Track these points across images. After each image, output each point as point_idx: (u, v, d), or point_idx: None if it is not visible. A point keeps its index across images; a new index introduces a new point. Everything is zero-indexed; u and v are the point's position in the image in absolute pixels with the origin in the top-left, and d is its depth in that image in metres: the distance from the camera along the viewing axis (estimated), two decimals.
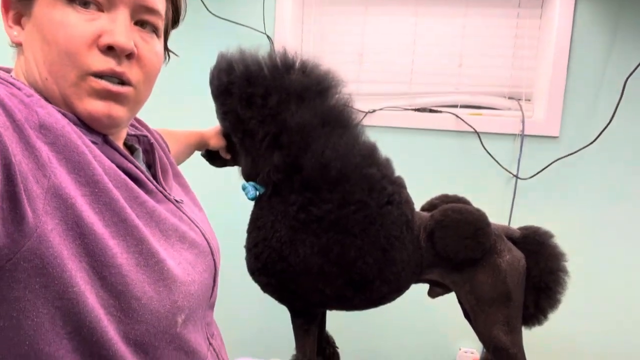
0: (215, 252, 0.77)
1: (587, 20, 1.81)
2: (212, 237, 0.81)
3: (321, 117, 1.01)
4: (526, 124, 1.88)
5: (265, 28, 2.01)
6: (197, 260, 0.71)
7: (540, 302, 1.09)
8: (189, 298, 0.66)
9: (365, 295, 1.09)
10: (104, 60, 0.62)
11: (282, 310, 1.20)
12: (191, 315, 0.67)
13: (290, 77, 1.02)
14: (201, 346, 0.71)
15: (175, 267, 0.64)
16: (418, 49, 2.02)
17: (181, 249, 0.68)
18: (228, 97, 1.05)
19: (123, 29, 0.62)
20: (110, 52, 0.62)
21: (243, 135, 1.06)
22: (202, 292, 0.71)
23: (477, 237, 1.04)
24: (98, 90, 0.62)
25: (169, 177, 0.79)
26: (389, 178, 1.07)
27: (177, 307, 0.63)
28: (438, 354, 2.07)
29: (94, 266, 0.56)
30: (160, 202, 0.70)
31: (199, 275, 0.69)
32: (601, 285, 1.90)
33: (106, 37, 0.61)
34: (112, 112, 0.64)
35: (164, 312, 0.61)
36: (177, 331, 0.64)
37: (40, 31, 0.60)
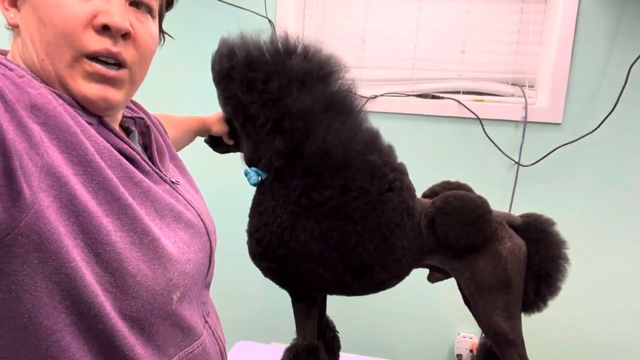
0: (211, 233, 0.78)
1: (591, 6, 1.80)
2: (208, 218, 0.82)
3: (323, 103, 1.01)
4: (529, 110, 1.87)
5: (266, 12, 2.00)
6: (193, 240, 0.72)
7: (540, 289, 1.10)
8: (184, 276, 0.67)
9: (365, 281, 1.09)
10: (99, 40, 0.62)
11: (283, 295, 1.21)
12: (187, 293, 0.68)
13: (291, 62, 1.01)
14: (197, 323, 0.73)
15: (169, 245, 0.65)
16: (421, 34, 2.00)
17: (176, 228, 0.69)
18: (229, 82, 1.04)
19: (118, 8, 0.62)
20: (106, 32, 0.62)
21: (244, 121, 1.06)
22: (198, 271, 0.72)
23: (478, 224, 1.03)
24: (91, 74, 0.63)
25: (165, 159, 0.80)
26: (391, 165, 1.06)
27: (172, 284, 0.64)
28: (437, 339, 2.09)
29: (88, 243, 0.57)
30: (156, 182, 0.71)
31: (194, 254, 0.70)
32: (602, 273, 1.91)
33: (102, 17, 0.61)
34: (108, 95, 0.65)
35: (159, 289, 0.62)
36: (173, 308, 0.65)
37: (36, 12, 0.60)
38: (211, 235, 0.78)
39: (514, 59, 1.95)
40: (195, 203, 0.78)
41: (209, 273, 0.80)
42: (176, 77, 2.15)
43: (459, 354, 2.03)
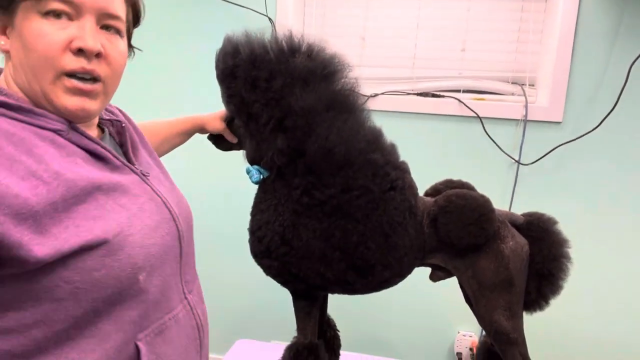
0: (177, 219, 0.87)
1: (592, 5, 1.79)
2: (178, 206, 0.91)
3: (326, 102, 1.01)
4: (529, 109, 1.87)
5: (267, 10, 1.99)
6: (159, 225, 0.81)
7: (542, 288, 1.09)
8: (149, 258, 0.77)
9: (366, 280, 1.09)
10: (76, 61, 0.74)
11: (283, 293, 1.21)
12: (154, 272, 0.78)
13: (295, 61, 1.01)
14: (170, 298, 0.83)
15: (134, 234, 0.75)
16: (421, 33, 2.00)
17: (142, 216, 0.79)
18: (233, 80, 1.04)
19: (90, 33, 0.74)
20: (81, 54, 0.74)
21: (247, 119, 1.05)
22: (165, 253, 0.82)
23: (481, 223, 1.03)
24: (70, 88, 0.74)
25: (139, 154, 0.91)
26: (393, 163, 1.06)
27: (137, 267, 0.74)
28: (437, 337, 2.09)
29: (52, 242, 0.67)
30: (126, 174, 0.82)
31: (160, 238, 0.80)
32: (602, 271, 1.91)
33: (76, 42, 0.73)
34: (86, 105, 0.77)
35: (125, 274, 0.73)
36: (141, 286, 0.76)
37: (22, 40, 0.72)
38: (178, 221, 0.87)
39: (514, 58, 1.95)
40: (165, 193, 0.88)
41: (182, 254, 0.88)
42: (177, 75, 2.14)
43: (459, 352, 2.03)
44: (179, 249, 0.87)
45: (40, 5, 0.71)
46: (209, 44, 2.14)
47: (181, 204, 0.93)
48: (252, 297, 2.24)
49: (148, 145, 1.00)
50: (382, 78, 2.05)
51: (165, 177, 0.97)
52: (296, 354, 1.15)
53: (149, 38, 2.14)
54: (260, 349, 1.62)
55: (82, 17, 0.74)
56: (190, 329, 0.88)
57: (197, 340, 0.89)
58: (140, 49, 1.00)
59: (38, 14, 0.72)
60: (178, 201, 0.92)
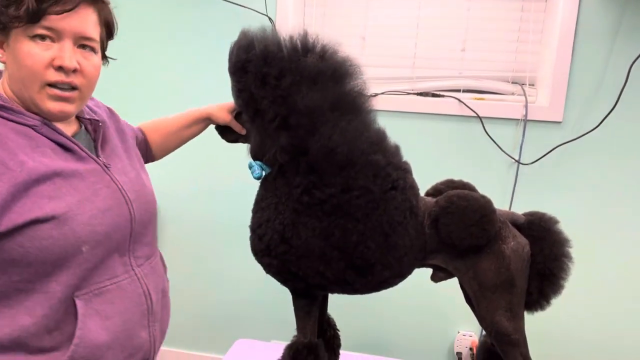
0: (130, 204, 1.03)
1: (592, 5, 1.79)
2: (137, 194, 1.06)
3: (331, 102, 1.01)
4: (529, 108, 1.87)
5: (267, 10, 1.99)
6: (110, 209, 0.98)
7: (543, 288, 1.09)
8: (94, 234, 0.94)
9: (366, 280, 1.09)
10: (57, 74, 0.93)
11: (283, 293, 1.21)
12: (99, 245, 0.96)
13: (306, 60, 1.01)
14: (113, 267, 1.00)
15: (82, 213, 0.93)
16: (421, 32, 2.00)
17: (95, 199, 0.96)
18: (244, 74, 1.04)
19: (68, 54, 0.93)
20: (61, 70, 0.93)
21: (254, 114, 1.06)
22: (114, 232, 0.99)
23: (482, 224, 1.03)
24: (52, 96, 0.94)
25: (108, 149, 1.08)
26: (395, 164, 1.06)
27: (81, 241, 0.92)
28: (437, 337, 2.09)
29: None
30: (89, 164, 0.99)
31: (109, 219, 0.98)
32: (602, 271, 1.91)
33: (57, 61, 0.92)
34: (64, 109, 0.96)
35: (69, 244, 0.91)
36: (84, 256, 0.94)
37: (15, 57, 0.92)
38: (130, 205, 1.03)
39: (514, 57, 1.95)
40: (124, 182, 1.04)
41: (133, 233, 1.04)
42: (177, 75, 2.14)
43: (459, 352, 2.03)
44: (129, 230, 1.03)
45: (28, 30, 0.90)
46: (209, 43, 2.15)
47: (141, 193, 1.08)
48: (251, 297, 2.24)
49: (128, 142, 1.18)
50: (382, 78, 2.05)
51: (133, 169, 1.11)
52: (296, 353, 1.15)
53: (150, 37, 2.14)
54: (260, 348, 1.62)
55: (62, 40, 0.93)
56: (136, 296, 1.04)
57: (143, 306, 1.05)
58: (114, 58, 1.13)
59: (27, 37, 0.91)
60: (138, 190, 1.07)
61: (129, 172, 1.08)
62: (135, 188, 1.06)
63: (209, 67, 2.10)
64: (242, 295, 2.25)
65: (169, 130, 1.36)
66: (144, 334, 1.05)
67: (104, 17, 1.02)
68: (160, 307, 1.12)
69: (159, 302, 1.11)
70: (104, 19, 1.03)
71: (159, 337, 1.11)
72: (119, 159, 1.09)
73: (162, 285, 1.16)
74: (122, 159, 1.10)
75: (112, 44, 1.13)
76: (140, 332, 1.04)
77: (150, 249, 1.13)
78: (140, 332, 1.04)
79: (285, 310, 1.35)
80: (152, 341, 1.08)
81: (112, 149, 1.09)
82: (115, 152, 1.09)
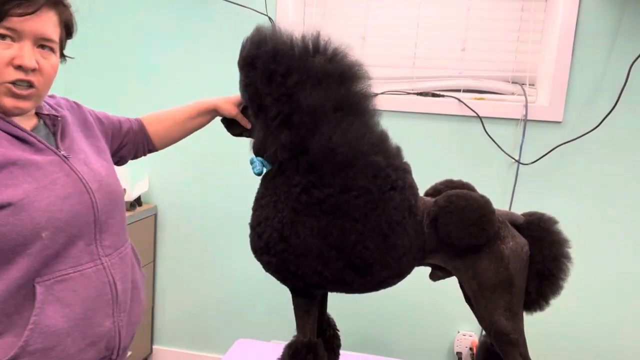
0: (92, 193, 1.04)
1: (592, 5, 1.79)
2: (99, 183, 1.08)
3: (334, 102, 1.01)
4: (529, 108, 1.87)
5: (267, 9, 1.99)
6: (70, 197, 1.00)
7: (542, 288, 1.09)
8: (54, 221, 0.96)
9: (365, 279, 1.09)
10: (16, 73, 0.96)
11: (283, 293, 1.21)
12: (60, 232, 0.97)
13: (314, 60, 1.02)
14: (77, 255, 1.01)
15: (40, 200, 0.95)
16: (421, 32, 2.00)
17: (53, 188, 0.98)
18: (252, 69, 1.05)
19: (28, 54, 0.96)
20: (20, 68, 0.96)
21: (258, 110, 1.07)
22: (74, 219, 1.00)
23: (481, 224, 1.03)
24: (9, 92, 0.97)
25: (68, 140, 1.10)
26: (395, 166, 1.06)
27: (40, 227, 0.94)
28: (437, 337, 2.09)
29: None
30: (47, 155, 1.02)
31: (69, 206, 0.99)
32: (603, 270, 1.91)
33: (17, 60, 0.95)
34: (19, 105, 0.99)
35: (27, 230, 0.93)
36: (44, 242, 0.96)
37: None
38: (92, 194, 1.04)
39: (514, 57, 1.95)
40: (85, 172, 1.06)
41: (97, 222, 1.05)
42: (177, 74, 2.14)
43: (459, 352, 2.03)
44: (92, 217, 1.05)
45: None
46: (209, 43, 2.15)
47: (104, 183, 1.09)
48: (251, 297, 2.24)
49: (94, 133, 1.20)
50: (382, 78, 2.05)
51: (97, 161, 1.14)
52: (295, 352, 1.15)
53: (150, 37, 2.14)
54: (260, 348, 1.62)
55: (22, 40, 0.96)
56: (100, 285, 1.05)
57: (108, 295, 1.06)
58: (71, 57, 1.13)
59: None
60: (100, 180, 1.09)
61: (92, 163, 1.10)
62: (97, 178, 1.08)
63: (210, 67, 2.10)
64: (242, 295, 2.25)
65: (174, 120, 1.37)
66: (108, 323, 1.06)
67: (64, 18, 1.05)
68: (128, 298, 1.12)
69: (127, 292, 1.12)
70: (64, 21, 1.05)
71: (125, 327, 1.11)
72: (80, 150, 1.11)
73: (132, 276, 1.16)
74: (84, 151, 1.11)
75: (112, 42, 1.14)
76: (104, 321, 1.05)
77: (119, 238, 1.13)
78: (104, 321, 1.05)
79: (285, 310, 1.35)
80: (117, 330, 1.08)
81: (72, 141, 1.11)
82: (76, 144, 1.11)
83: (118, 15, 2.11)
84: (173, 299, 2.34)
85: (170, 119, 1.38)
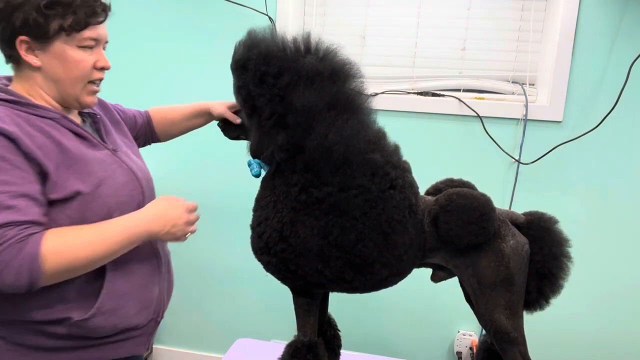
0: (141, 180, 1.19)
1: (592, 4, 1.79)
2: (141, 172, 1.22)
3: (328, 101, 1.02)
4: (529, 108, 1.87)
5: (267, 9, 1.99)
6: (127, 184, 1.15)
7: (542, 287, 1.10)
8: (120, 205, 1.11)
9: (365, 278, 1.09)
10: (98, 74, 1.13)
11: (283, 292, 1.21)
12: (124, 213, 1.10)
13: (304, 60, 1.03)
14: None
15: (109, 187, 1.10)
16: (421, 32, 2.00)
17: (114, 176, 1.13)
18: (244, 72, 1.07)
19: (105, 57, 1.13)
20: (102, 69, 1.12)
21: (252, 112, 1.08)
22: (132, 202, 1.15)
23: (482, 222, 1.03)
24: (91, 91, 1.13)
25: (111, 136, 1.24)
26: (393, 163, 1.07)
27: (111, 210, 1.09)
28: (437, 336, 2.09)
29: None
30: (101, 150, 1.15)
31: (128, 192, 1.15)
32: (602, 270, 1.91)
33: (101, 62, 1.11)
34: (94, 99, 1.16)
35: (104, 213, 1.08)
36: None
37: (63, 61, 1.06)
38: (141, 182, 1.19)
39: (514, 57, 1.95)
40: (130, 163, 1.20)
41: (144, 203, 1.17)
42: (177, 74, 2.14)
43: (459, 352, 2.03)
44: (142, 201, 1.18)
45: (77, 40, 1.06)
46: (209, 43, 2.14)
47: (143, 171, 1.24)
48: (251, 297, 2.24)
49: (123, 129, 1.33)
50: (382, 77, 2.05)
51: (133, 153, 1.29)
52: (295, 352, 1.15)
53: (150, 36, 2.14)
54: (260, 348, 1.62)
55: (99, 46, 1.11)
56: (150, 257, 1.20)
57: (155, 266, 1.22)
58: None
59: (75, 46, 1.06)
60: (140, 169, 1.23)
61: (131, 155, 1.25)
62: (139, 168, 1.23)
63: (210, 66, 2.10)
64: (242, 295, 2.25)
65: (173, 119, 1.48)
66: (156, 289, 1.22)
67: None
68: (166, 270, 1.27)
69: (166, 264, 1.27)
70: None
71: (166, 294, 1.27)
72: (120, 144, 1.25)
73: (167, 251, 1.30)
74: (121, 145, 1.25)
75: (113, 42, 1.19)
76: (154, 288, 1.21)
77: None
78: (154, 287, 1.21)
79: (285, 310, 1.35)
80: (162, 296, 1.24)
81: (113, 137, 1.25)
82: (115, 139, 1.25)
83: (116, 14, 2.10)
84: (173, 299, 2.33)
85: (171, 117, 1.48)
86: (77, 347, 1.09)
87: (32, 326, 1.05)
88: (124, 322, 1.13)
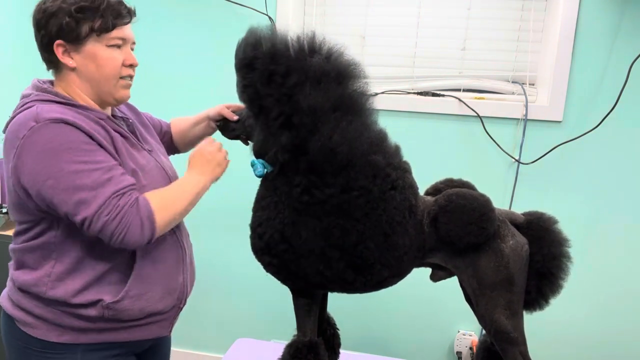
0: (172, 179, 1.30)
1: (592, 4, 1.79)
2: (172, 171, 1.34)
3: (333, 102, 1.02)
4: (529, 108, 1.87)
5: (267, 9, 1.99)
6: (159, 178, 1.25)
7: (542, 287, 1.10)
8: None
9: (365, 279, 1.09)
10: (128, 70, 1.21)
11: (283, 292, 1.21)
12: None
13: (312, 61, 1.02)
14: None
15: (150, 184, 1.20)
16: (421, 31, 2.00)
17: (152, 173, 1.24)
18: (250, 71, 1.05)
19: (132, 55, 1.22)
20: (130, 66, 1.22)
21: (259, 111, 1.07)
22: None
23: (481, 222, 1.03)
24: (124, 85, 1.22)
25: (145, 137, 1.34)
26: (394, 165, 1.07)
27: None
28: (437, 336, 2.09)
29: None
30: (140, 150, 1.26)
31: (159, 183, 1.23)
32: (602, 270, 1.91)
33: (129, 60, 1.21)
34: (128, 93, 1.25)
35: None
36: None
37: (95, 60, 1.16)
38: (172, 180, 1.29)
39: (514, 57, 1.95)
40: (162, 162, 1.31)
41: None
42: (177, 73, 2.14)
43: (459, 352, 2.03)
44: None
45: (106, 40, 1.15)
46: (209, 42, 2.15)
47: (173, 170, 1.36)
48: (251, 297, 2.24)
49: (151, 131, 1.43)
50: (382, 77, 2.04)
51: (162, 154, 1.38)
52: (296, 352, 1.15)
53: (150, 36, 2.14)
54: (260, 348, 1.62)
55: (126, 46, 1.21)
56: (175, 247, 1.28)
57: (180, 256, 1.29)
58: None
59: (105, 45, 1.16)
60: (170, 168, 1.34)
61: (162, 156, 1.36)
62: (170, 167, 1.35)
63: (209, 66, 2.10)
64: (242, 295, 2.25)
65: (183, 129, 1.55)
66: (180, 278, 1.29)
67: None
68: (189, 261, 1.35)
69: (189, 256, 1.35)
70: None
71: (189, 282, 1.34)
72: (153, 145, 1.35)
73: (189, 244, 1.39)
74: (155, 145, 1.37)
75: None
76: (178, 276, 1.29)
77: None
78: (178, 275, 1.29)
79: (285, 310, 1.35)
80: (185, 284, 1.31)
81: (146, 138, 1.35)
82: (149, 141, 1.36)
83: None
84: None
85: (183, 125, 1.56)
86: (109, 329, 1.19)
87: (69, 309, 1.16)
88: (149, 307, 1.21)
